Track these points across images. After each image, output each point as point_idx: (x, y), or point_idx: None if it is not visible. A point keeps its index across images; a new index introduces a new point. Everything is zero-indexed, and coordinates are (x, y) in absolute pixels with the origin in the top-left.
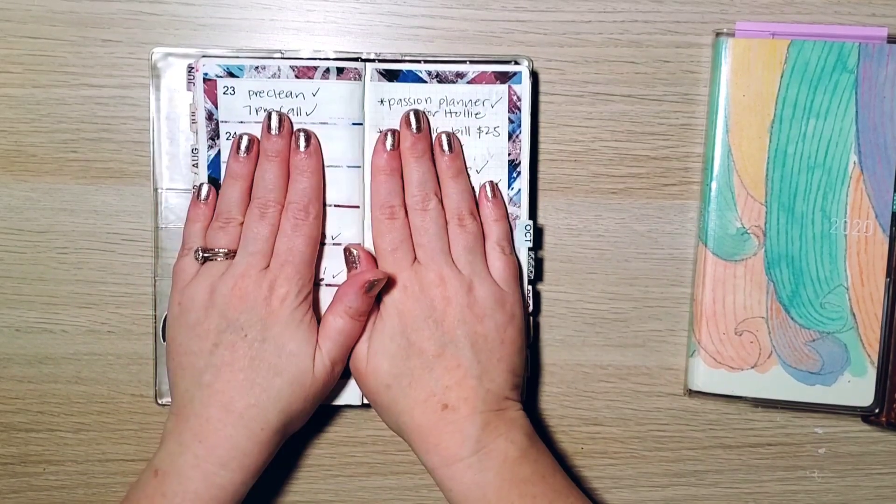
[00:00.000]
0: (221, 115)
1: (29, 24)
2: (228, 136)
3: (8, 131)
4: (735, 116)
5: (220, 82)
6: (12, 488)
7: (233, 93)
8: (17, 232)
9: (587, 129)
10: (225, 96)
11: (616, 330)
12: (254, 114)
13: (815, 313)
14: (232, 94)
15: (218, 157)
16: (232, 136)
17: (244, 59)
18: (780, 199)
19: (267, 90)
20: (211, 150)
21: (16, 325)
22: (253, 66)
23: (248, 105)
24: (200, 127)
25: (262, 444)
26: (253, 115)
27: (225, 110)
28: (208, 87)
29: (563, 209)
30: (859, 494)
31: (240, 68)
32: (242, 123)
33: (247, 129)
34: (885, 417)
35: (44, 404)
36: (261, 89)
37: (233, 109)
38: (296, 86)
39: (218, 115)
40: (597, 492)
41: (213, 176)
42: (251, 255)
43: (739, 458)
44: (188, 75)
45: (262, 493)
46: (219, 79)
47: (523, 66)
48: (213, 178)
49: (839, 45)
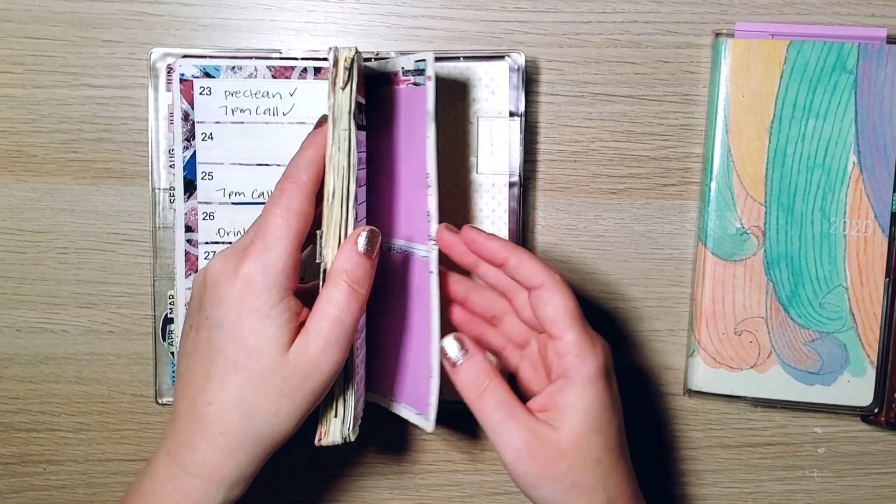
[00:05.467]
0: (197, 115)
1: (29, 24)
2: (204, 136)
3: (8, 131)
4: (734, 117)
5: (197, 83)
6: (13, 488)
7: (209, 93)
8: (18, 232)
9: (587, 130)
10: (201, 97)
11: (616, 330)
12: (230, 114)
13: (814, 313)
14: (208, 95)
15: (194, 158)
16: (207, 137)
17: (221, 60)
18: (779, 200)
19: (243, 90)
20: (186, 151)
21: (16, 325)
22: (229, 66)
23: (224, 105)
24: (177, 127)
25: (226, 452)
26: (229, 116)
27: (201, 111)
28: (185, 87)
29: (563, 209)
30: (858, 494)
31: (216, 69)
32: (218, 124)
33: (222, 130)
34: (884, 417)
35: (44, 404)
36: (237, 89)
37: (209, 110)
38: (273, 86)
39: (194, 115)
40: None
41: (188, 177)
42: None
43: (739, 458)
44: (167, 76)
45: (262, 493)
46: (195, 79)
47: (428, 58)
48: (189, 179)
49: (838, 45)
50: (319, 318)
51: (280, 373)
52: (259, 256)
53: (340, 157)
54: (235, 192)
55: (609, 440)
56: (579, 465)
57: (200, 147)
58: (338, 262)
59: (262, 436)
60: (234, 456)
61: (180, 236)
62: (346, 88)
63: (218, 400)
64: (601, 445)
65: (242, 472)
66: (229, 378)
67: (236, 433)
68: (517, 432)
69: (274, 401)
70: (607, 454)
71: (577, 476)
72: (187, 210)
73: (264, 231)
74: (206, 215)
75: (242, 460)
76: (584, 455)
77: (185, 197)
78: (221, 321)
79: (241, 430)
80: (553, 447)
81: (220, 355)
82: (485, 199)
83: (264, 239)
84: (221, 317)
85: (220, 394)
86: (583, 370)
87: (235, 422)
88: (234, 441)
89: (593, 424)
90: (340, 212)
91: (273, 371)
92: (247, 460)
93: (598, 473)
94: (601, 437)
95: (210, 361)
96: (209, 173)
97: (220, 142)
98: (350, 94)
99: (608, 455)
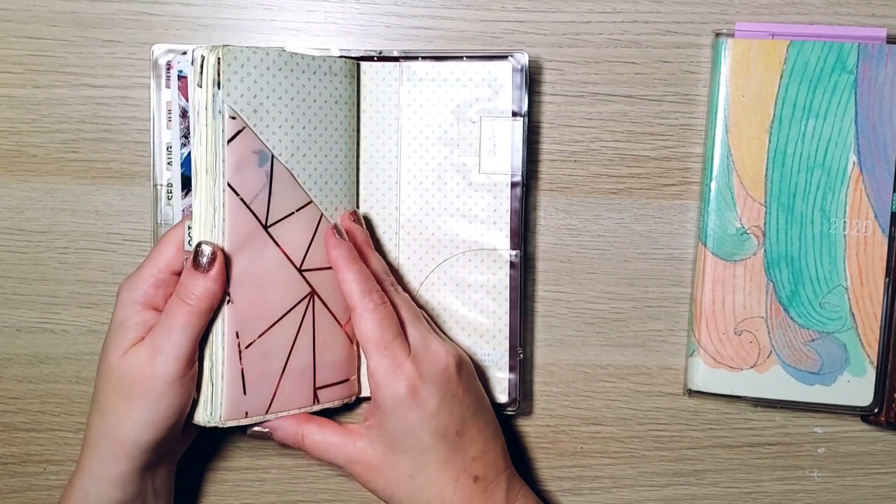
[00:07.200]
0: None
1: (30, 24)
2: None
3: (9, 131)
4: (734, 117)
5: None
6: (13, 488)
7: None
8: (18, 232)
9: (587, 130)
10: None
11: (616, 330)
12: None
13: (814, 313)
14: None
15: (191, 155)
16: None
17: None
18: (779, 200)
19: None
20: (184, 148)
21: (17, 324)
22: None
23: None
24: (174, 124)
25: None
26: None
27: None
28: (182, 84)
29: (563, 209)
30: (858, 494)
31: None
32: None
33: None
34: (884, 417)
35: (44, 404)
36: None
37: None
38: None
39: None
40: (597, 491)
41: (185, 174)
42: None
43: (739, 458)
44: (166, 73)
45: (263, 492)
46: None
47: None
48: (186, 175)
49: (838, 45)
50: (156, 327)
51: (115, 374)
52: (132, 274)
53: (201, 151)
54: None
55: (418, 458)
56: (393, 481)
57: None
58: (182, 276)
59: (110, 435)
60: (95, 450)
61: None
62: (201, 86)
63: (91, 400)
64: (411, 463)
65: (105, 469)
66: (95, 380)
67: (94, 429)
68: (341, 459)
69: (112, 399)
70: (419, 470)
71: (393, 490)
72: (185, 207)
73: (150, 252)
74: None
75: (102, 457)
76: (396, 471)
77: (183, 194)
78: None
79: (96, 426)
80: (369, 466)
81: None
82: (486, 198)
83: (145, 259)
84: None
85: (93, 395)
86: (381, 396)
87: (94, 419)
88: (93, 437)
89: (400, 445)
90: (206, 204)
91: (111, 372)
92: (106, 458)
93: (411, 487)
94: (409, 457)
95: None
96: None
97: None
98: (206, 91)
99: (420, 471)
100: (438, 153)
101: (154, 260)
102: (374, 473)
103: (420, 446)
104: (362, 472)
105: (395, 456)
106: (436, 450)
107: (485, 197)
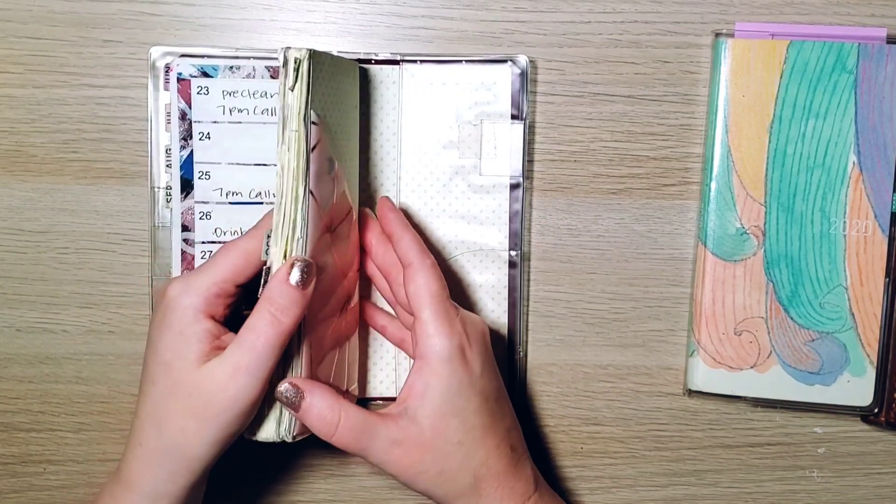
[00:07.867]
0: (195, 114)
1: (29, 24)
2: (201, 136)
3: (9, 131)
4: (734, 117)
5: (194, 82)
6: (13, 488)
7: (206, 93)
8: (18, 232)
9: (587, 130)
10: (199, 96)
11: (616, 330)
12: (227, 114)
13: (814, 313)
14: (206, 94)
15: (191, 157)
16: (205, 136)
17: (219, 60)
18: (779, 200)
19: (241, 90)
20: (183, 151)
21: (16, 325)
22: (227, 66)
23: (221, 105)
24: (174, 126)
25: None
26: (227, 116)
27: (198, 110)
28: (182, 86)
29: (563, 209)
30: (858, 494)
31: (214, 68)
32: (216, 123)
33: (220, 130)
34: (884, 417)
35: (45, 404)
36: (235, 89)
37: (206, 109)
38: (271, 86)
39: (191, 114)
40: (597, 491)
41: (185, 177)
42: None
43: (739, 458)
44: (165, 75)
45: (262, 492)
46: (193, 79)
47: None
48: (186, 178)
49: (838, 45)
50: (236, 343)
51: (185, 389)
52: (186, 279)
53: (290, 157)
54: (232, 191)
55: (468, 419)
56: (442, 453)
57: (198, 146)
58: (267, 289)
59: (172, 452)
60: (150, 467)
61: (177, 236)
62: (294, 89)
63: (140, 411)
64: (460, 427)
65: (163, 486)
66: (147, 390)
67: (149, 444)
68: (381, 449)
69: (180, 416)
70: (468, 433)
71: (442, 464)
72: (184, 209)
73: (208, 260)
74: (203, 215)
75: (160, 474)
76: (445, 440)
77: (182, 196)
78: (150, 337)
79: (153, 441)
80: (416, 444)
81: (145, 370)
82: (486, 200)
83: (202, 265)
84: (150, 333)
85: (141, 405)
86: (436, 348)
87: (149, 433)
88: (148, 452)
89: (452, 406)
90: (290, 213)
91: (179, 387)
92: (165, 475)
93: (461, 455)
94: (459, 419)
95: (141, 375)
96: (206, 173)
97: (218, 141)
98: (300, 95)
99: (469, 434)
100: (438, 156)
101: (219, 267)
102: (419, 451)
103: (469, 406)
104: (403, 455)
105: (444, 421)
106: (481, 413)
107: (484, 199)
